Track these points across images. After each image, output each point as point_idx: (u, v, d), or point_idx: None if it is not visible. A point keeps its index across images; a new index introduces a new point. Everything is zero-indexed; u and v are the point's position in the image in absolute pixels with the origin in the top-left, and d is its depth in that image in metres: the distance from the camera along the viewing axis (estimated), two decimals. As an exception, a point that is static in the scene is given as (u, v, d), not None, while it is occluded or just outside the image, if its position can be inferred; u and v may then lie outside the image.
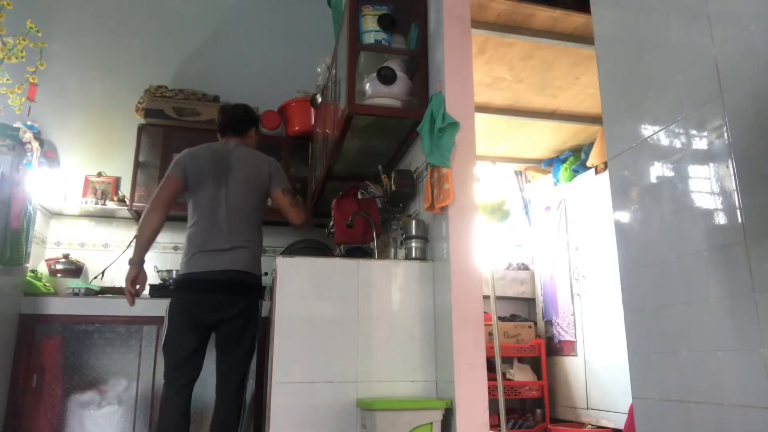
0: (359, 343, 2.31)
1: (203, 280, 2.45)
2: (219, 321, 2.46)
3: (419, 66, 2.69)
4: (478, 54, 3.27)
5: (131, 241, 3.87)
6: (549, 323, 4.33)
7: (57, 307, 3.17)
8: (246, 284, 2.50)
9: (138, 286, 2.47)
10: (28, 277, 3.27)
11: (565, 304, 4.12)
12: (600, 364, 3.73)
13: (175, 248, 4.02)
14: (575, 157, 4.44)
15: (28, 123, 3.52)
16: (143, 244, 2.49)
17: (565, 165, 4.42)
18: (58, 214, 3.92)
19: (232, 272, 2.46)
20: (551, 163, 4.70)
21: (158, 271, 3.64)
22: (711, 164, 1.33)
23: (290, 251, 3.83)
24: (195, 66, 4.38)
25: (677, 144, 1.44)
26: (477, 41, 3.11)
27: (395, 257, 2.91)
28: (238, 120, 2.82)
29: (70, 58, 4.16)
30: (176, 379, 2.42)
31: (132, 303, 2.46)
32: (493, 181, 4.61)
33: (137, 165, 3.84)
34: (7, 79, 3.24)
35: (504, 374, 3.95)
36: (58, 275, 3.60)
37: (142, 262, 2.50)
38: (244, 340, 2.49)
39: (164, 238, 3.99)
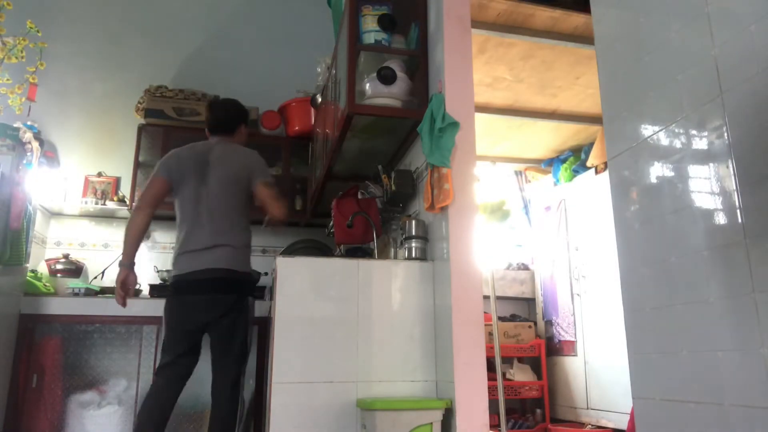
0: (359, 343, 2.31)
1: (187, 281, 2.45)
2: (208, 321, 2.44)
3: (419, 66, 2.69)
4: (478, 54, 3.27)
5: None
6: (549, 323, 4.33)
7: (57, 307, 3.17)
8: (229, 282, 2.45)
9: (129, 288, 2.48)
10: (28, 277, 3.26)
11: (565, 304, 4.12)
12: (600, 364, 3.73)
13: (175, 248, 4.02)
14: (575, 157, 4.44)
15: (28, 123, 3.52)
16: (130, 245, 2.50)
17: (565, 165, 4.42)
18: (58, 214, 3.92)
19: (213, 270, 2.43)
20: (551, 163, 4.70)
21: (158, 271, 3.64)
22: (711, 164, 1.33)
23: (290, 251, 3.83)
24: (195, 66, 4.39)
25: (677, 144, 1.44)
26: (477, 41, 3.11)
27: (395, 257, 2.90)
28: (228, 119, 2.76)
29: (70, 58, 4.16)
30: (165, 374, 2.44)
31: (123, 305, 2.47)
32: (493, 181, 4.62)
33: (137, 165, 3.83)
34: (7, 79, 3.24)
35: (504, 374, 3.95)
36: (58, 275, 3.60)
37: (132, 264, 2.51)
38: (235, 339, 2.46)
39: (165, 238, 4.00)
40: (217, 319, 2.43)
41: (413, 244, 2.52)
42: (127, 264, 2.49)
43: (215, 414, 2.42)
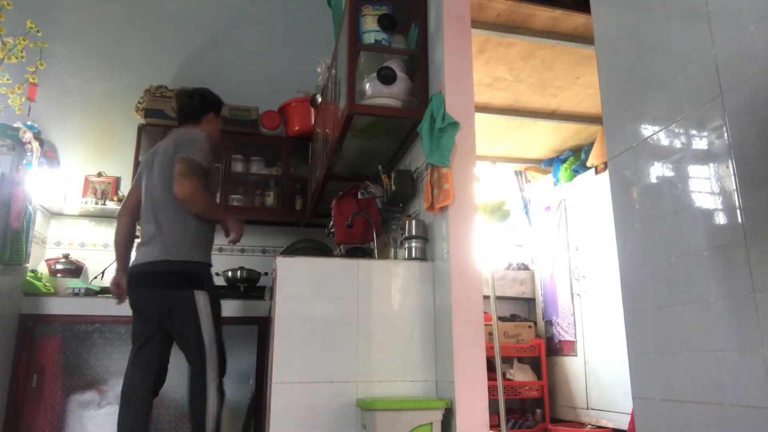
0: (359, 343, 2.31)
1: (134, 273, 2.50)
2: (158, 315, 2.41)
3: (419, 66, 2.69)
4: (478, 54, 3.27)
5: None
6: (549, 323, 4.33)
7: (57, 307, 3.17)
8: (168, 274, 2.40)
9: (121, 288, 2.58)
10: (28, 277, 3.26)
11: (565, 304, 4.12)
12: (600, 364, 3.73)
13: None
14: (575, 157, 4.44)
15: (28, 123, 3.52)
16: (117, 252, 2.66)
17: (565, 165, 4.42)
18: (58, 214, 3.92)
19: (151, 264, 2.42)
20: (551, 163, 4.70)
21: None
22: (711, 164, 1.33)
23: (290, 251, 3.83)
24: (195, 66, 4.38)
25: (677, 144, 1.44)
26: (477, 41, 3.11)
27: (395, 257, 2.90)
28: (191, 108, 2.71)
29: (70, 58, 4.16)
30: (132, 374, 2.42)
31: (118, 303, 2.63)
32: (493, 181, 4.62)
33: (137, 165, 3.82)
34: (7, 79, 3.24)
35: (504, 374, 3.95)
36: (58, 275, 3.60)
37: (122, 268, 2.62)
38: (189, 334, 2.37)
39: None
40: (164, 313, 2.39)
41: (413, 244, 2.52)
42: (118, 268, 2.64)
43: (189, 412, 2.39)
